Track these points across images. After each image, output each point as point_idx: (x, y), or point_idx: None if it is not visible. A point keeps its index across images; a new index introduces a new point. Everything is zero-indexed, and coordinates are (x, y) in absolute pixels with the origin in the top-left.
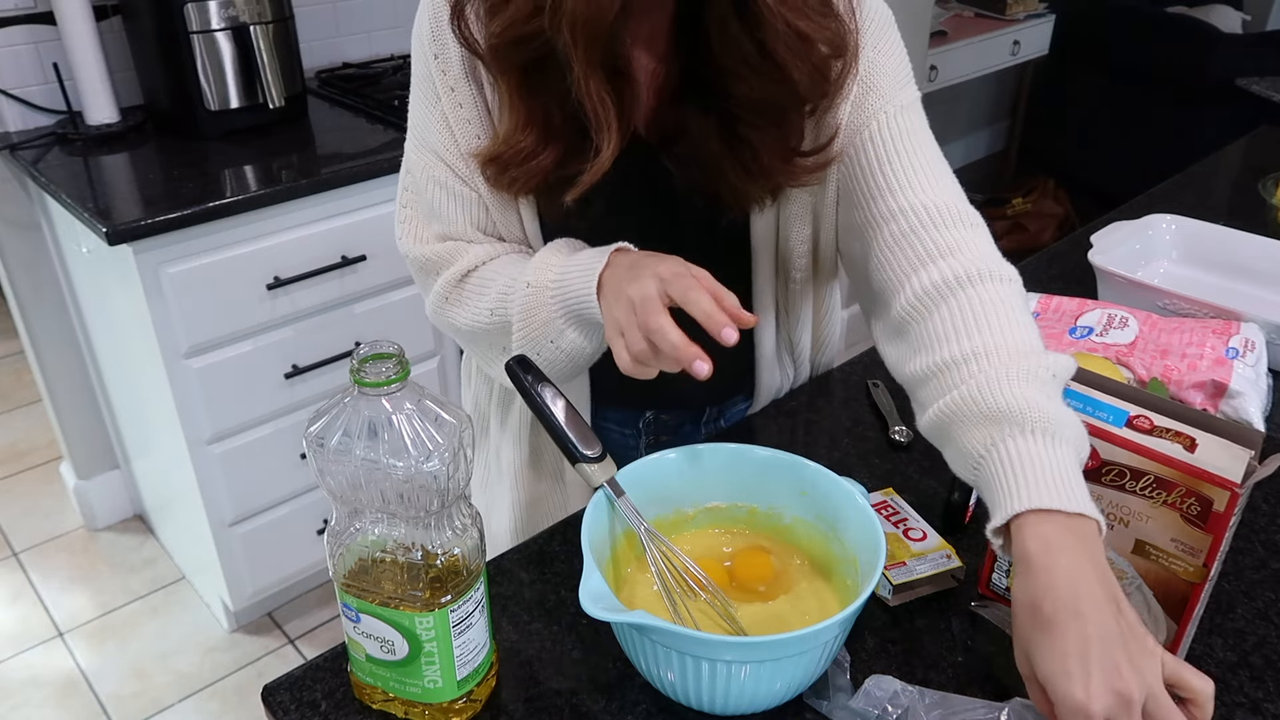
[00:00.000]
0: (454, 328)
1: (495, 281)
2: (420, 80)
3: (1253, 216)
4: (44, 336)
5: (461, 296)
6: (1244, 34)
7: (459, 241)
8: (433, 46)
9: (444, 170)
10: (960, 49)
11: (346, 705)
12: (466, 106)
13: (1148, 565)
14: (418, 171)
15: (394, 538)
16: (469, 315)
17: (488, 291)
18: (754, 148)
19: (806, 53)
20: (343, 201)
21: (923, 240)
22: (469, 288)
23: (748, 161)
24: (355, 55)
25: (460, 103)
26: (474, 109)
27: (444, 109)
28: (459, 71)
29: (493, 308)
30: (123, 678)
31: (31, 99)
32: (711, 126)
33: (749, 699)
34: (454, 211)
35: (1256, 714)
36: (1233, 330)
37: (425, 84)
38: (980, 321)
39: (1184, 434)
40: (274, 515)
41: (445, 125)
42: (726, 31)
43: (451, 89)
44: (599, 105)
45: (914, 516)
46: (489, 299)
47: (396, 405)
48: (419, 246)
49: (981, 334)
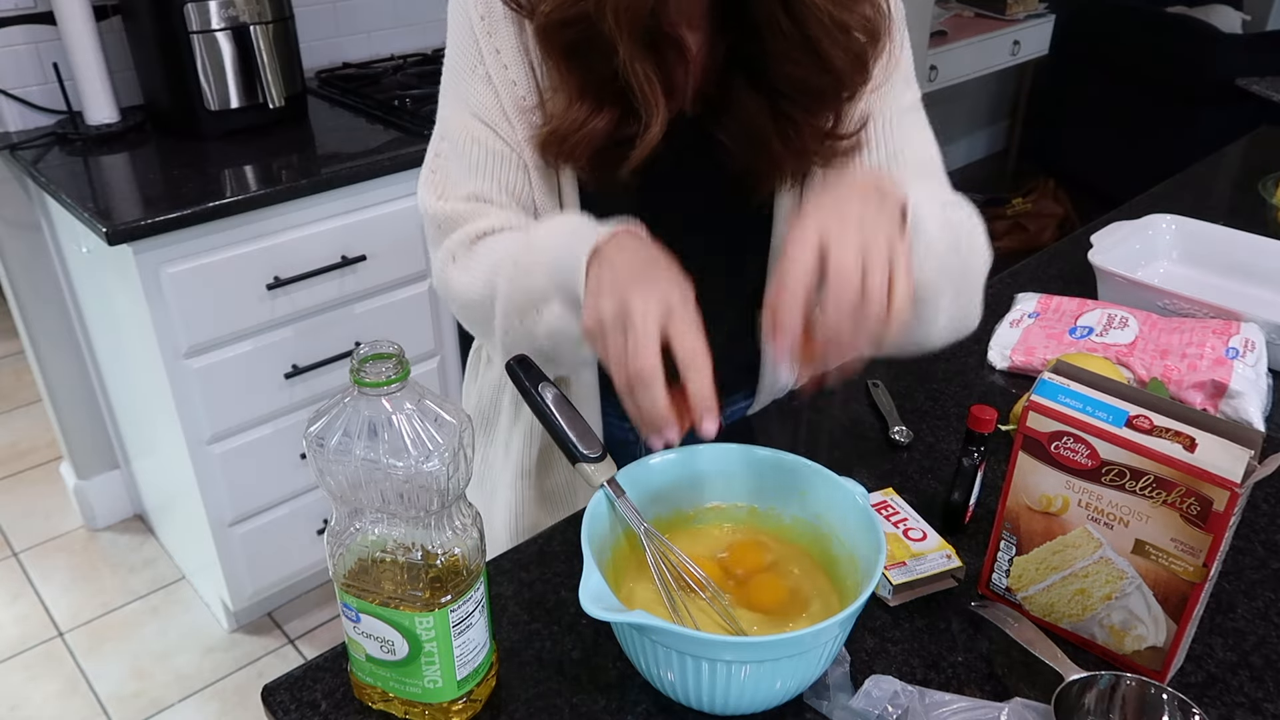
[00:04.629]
0: (452, 293)
1: (501, 248)
2: (461, 41)
3: (1253, 216)
4: (44, 336)
5: (468, 258)
6: (1244, 34)
7: (483, 202)
8: (479, 6)
9: (485, 131)
10: (960, 49)
11: (346, 705)
12: (513, 67)
13: (1148, 565)
14: (456, 134)
15: (394, 538)
16: (468, 279)
17: (493, 256)
18: (798, 125)
19: (847, 43)
20: (343, 201)
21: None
22: (479, 251)
23: (790, 138)
24: (355, 55)
25: (506, 64)
26: (520, 69)
27: (488, 69)
28: (506, 32)
29: (492, 274)
30: (123, 678)
31: (31, 99)
32: (761, 103)
33: (749, 699)
34: (493, 171)
35: (1256, 714)
36: (1233, 330)
37: (467, 44)
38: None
39: (1184, 434)
40: (274, 515)
41: (489, 85)
42: (773, 23)
43: (497, 50)
44: (645, 84)
45: (914, 516)
46: (490, 263)
47: (396, 405)
48: (440, 203)
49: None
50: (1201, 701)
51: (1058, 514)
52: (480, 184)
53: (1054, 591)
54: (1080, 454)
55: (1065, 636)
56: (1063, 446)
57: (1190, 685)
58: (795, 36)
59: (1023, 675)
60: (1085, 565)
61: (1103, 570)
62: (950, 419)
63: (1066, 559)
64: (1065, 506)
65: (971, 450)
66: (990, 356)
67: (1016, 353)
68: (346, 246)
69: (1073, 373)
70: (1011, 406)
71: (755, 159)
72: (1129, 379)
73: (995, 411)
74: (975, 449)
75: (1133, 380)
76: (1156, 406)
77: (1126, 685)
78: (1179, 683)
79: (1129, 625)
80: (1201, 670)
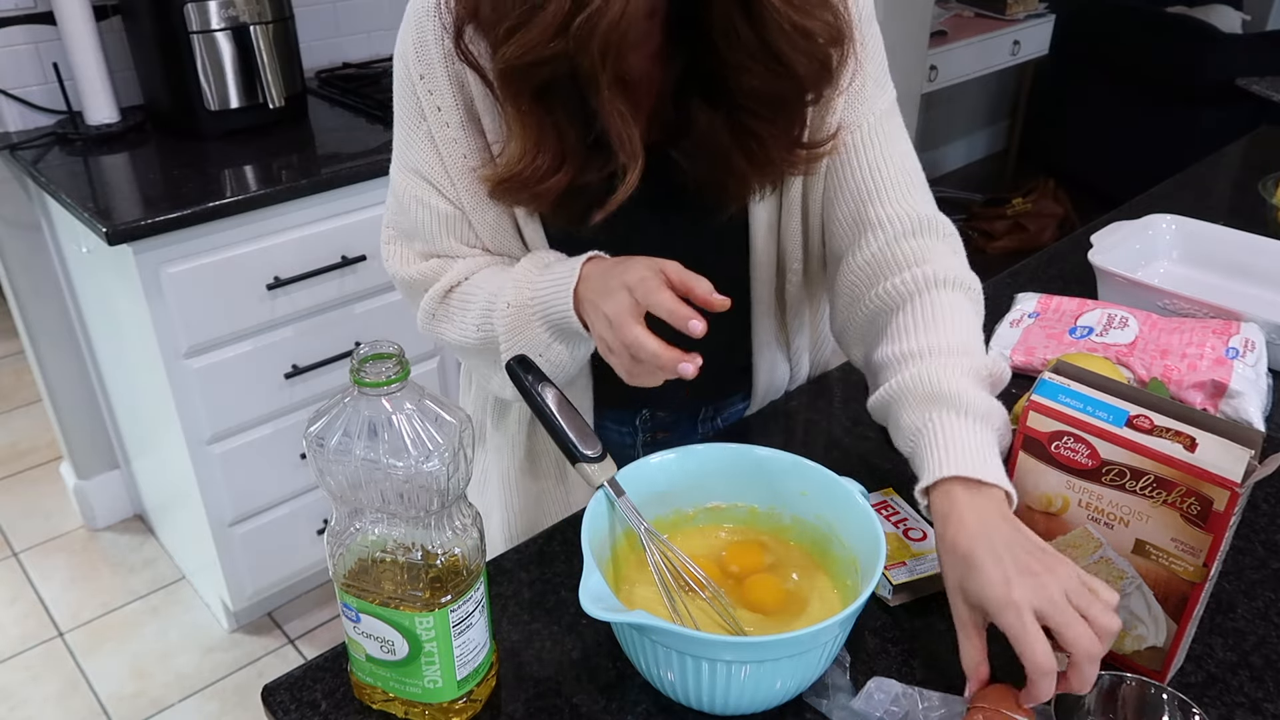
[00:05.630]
0: (445, 342)
1: (477, 297)
2: (404, 99)
3: (1253, 216)
4: (44, 336)
5: (448, 313)
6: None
7: (442, 258)
8: (418, 66)
9: (427, 189)
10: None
11: (346, 705)
12: (454, 126)
13: (1148, 565)
14: (403, 195)
15: (394, 538)
16: (457, 331)
17: (470, 308)
18: (760, 138)
19: (809, 46)
20: (343, 201)
21: (900, 249)
22: (453, 304)
23: (754, 152)
24: (355, 55)
25: (447, 121)
26: (460, 129)
27: (429, 127)
28: (446, 90)
29: (478, 324)
30: (123, 678)
31: (31, 99)
32: (719, 120)
33: (749, 699)
34: (438, 229)
35: (1256, 714)
36: (1233, 330)
37: (408, 103)
38: (937, 322)
39: (1184, 434)
40: (274, 515)
41: (430, 144)
42: (731, 30)
43: (438, 108)
44: (620, 121)
45: (914, 516)
46: (473, 315)
47: (396, 405)
48: (406, 268)
49: (936, 333)
50: (1201, 701)
51: (1058, 514)
52: (431, 243)
53: None
54: (1081, 454)
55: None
56: (1063, 446)
57: (1190, 685)
58: (754, 45)
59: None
60: (1085, 565)
61: (1103, 570)
62: None
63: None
64: (1066, 506)
65: None
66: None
67: (1016, 353)
68: (346, 246)
69: (1073, 373)
70: (1012, 406)
71: (719, 175)
72: (1129, 379)
73: None
74: None
75: (1133, 380)
76: (1157, 406)
77: (1126, 685)
78: (1179, 683)
79: (1129, 625)
80: (1201, 670)
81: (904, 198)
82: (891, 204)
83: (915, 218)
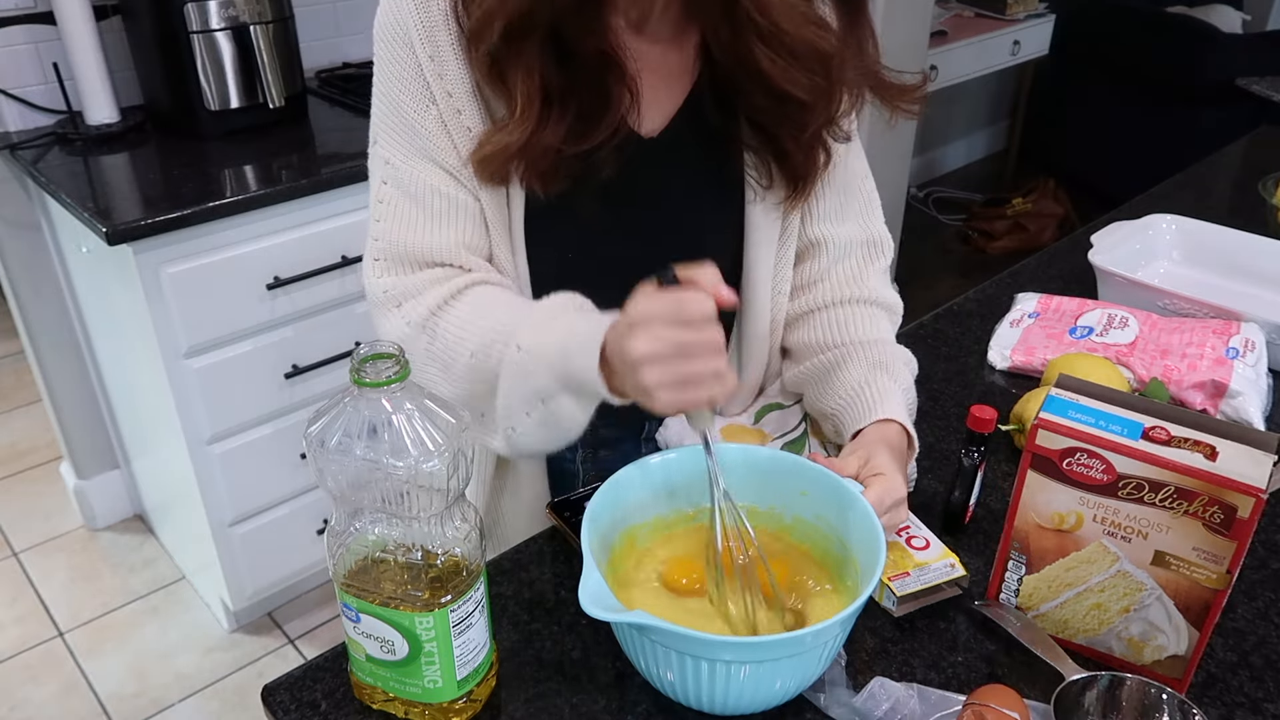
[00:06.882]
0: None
1: (477, 324)
2: (405, 82)
3: (1253, 216)
4: (44, 336)
5: (437, 329)
6: (1244, 34)
7: (435, 269)
8: (426, 46)
9: (444, 177)
10: (960, 49)
11: (346, 705)
12: (466, 113)
13: (1168, 575)
14: (412, 182)
15: (394, 538)
16: (442, 348)
17: (467, 335)
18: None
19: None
20: (343, 201)
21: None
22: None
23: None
24: (355, 55)
25: (460, 108)
26: (473, 112)
27: (440, 114)
28: (457, 74)
29: (474, 350)
30: (123, 678)
31: (31, 99)
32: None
33: (748, 699)
34: (455, 220)
35: (1256, 714)
36: (1233, 330)
37: (414, 85)
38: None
39: (1204, 443)
40: (274, 515)
41: (443, 130)
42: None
43: (449, 93)
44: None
45: (917, 524)
46: (470, 341)
47: (396, 405)
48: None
49: (860, 331)
50: (1201, 701)
51: (1070, 531)
52: (442, 235)
53: (1068, 608)
54: (1095, 469)
55: (1080, 651)
56: (1076, 463)
57: (1190, 685)
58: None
59: (1023, 675)
60: (1101, 580)
61: (1120, 583)
62: (950, 419)
63: (1081, 575)
64: (1079, 523)
65: (971, 450)
66: (990, 356)
67: (1016, 352)
68: (346, 246)
69: (1078, 387)
70: (1011, 406)
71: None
72: (1129, 379)
73: (995, 411)
74: (975, 449)
75: (1133, 380)
76: (1170, 416)
77: (1126, 685)
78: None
79: (1148, 636)
80: (1201, 670)
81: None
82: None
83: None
